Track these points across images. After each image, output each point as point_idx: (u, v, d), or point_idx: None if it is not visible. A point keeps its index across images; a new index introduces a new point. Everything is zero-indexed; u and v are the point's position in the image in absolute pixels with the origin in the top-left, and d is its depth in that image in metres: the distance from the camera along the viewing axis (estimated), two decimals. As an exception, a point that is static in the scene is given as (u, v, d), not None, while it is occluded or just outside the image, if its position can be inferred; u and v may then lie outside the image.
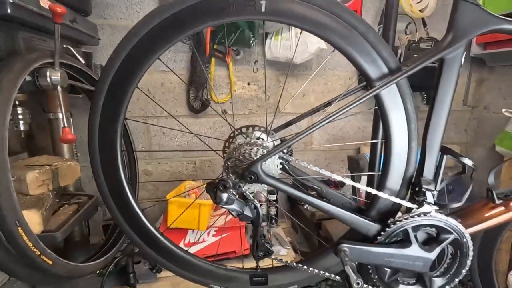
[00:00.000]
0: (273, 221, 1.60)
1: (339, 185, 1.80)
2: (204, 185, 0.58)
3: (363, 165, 1.29)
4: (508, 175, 1.35)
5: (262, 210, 1.54)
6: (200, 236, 1.28)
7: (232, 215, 0.59)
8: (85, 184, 1.54)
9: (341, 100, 0.72)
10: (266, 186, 0.58)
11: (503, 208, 0.64)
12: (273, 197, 1.57)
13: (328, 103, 0.72)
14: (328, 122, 0.55)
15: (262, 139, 0.65)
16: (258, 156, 0.58)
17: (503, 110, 1.57)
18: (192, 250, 1.28)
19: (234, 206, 0.56)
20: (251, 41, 1.45)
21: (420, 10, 1.58)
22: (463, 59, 0.56)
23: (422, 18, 1.66)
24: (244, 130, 0.67)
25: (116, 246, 1.18)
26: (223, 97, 1.62)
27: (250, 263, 0.77)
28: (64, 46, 1.08)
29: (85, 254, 1.22)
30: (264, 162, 0.58)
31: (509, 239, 1.43)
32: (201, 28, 0.57)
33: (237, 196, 0.58)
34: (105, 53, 1.46)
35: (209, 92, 1.58)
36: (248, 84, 1.63)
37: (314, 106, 0.79)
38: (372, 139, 0.81)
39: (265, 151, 0.59)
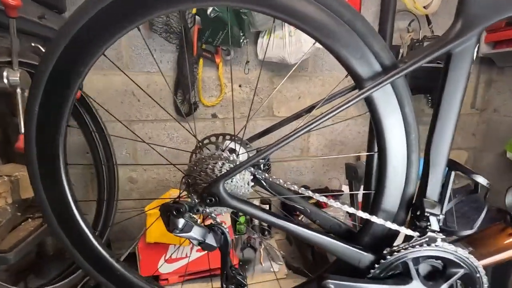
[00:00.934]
0: (266, 232, 1.49)
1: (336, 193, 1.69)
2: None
3: (362, 174, 1.17)
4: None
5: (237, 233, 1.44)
6: (183, 251, 1.18)
7: (193, 244, 0.48)
8: (65, 193, 1.45)
9: (331, 103, 0.62)
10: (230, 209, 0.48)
11: (524, 235, 0.52)
12: (266, 207, 1.47)
13: (311, 108, 0.61)
14: (308, 131, 0.45)
15: (234, 151, 0.55)
16: (222, 173, 0.47)
17: (516, 113, 1.45)
18: (174, 266, 1.18)
19: (192, 234, 0.46)
20: (241, 40, 1.35)
21: (424, 7, 1.46)
22: (475, 53, 0.45)
23: (427, 15, 1.55)
24: (213, 139, 0.57)
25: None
26: (213, 100, 1.52)
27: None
28: (33, 44, 0.99)
29: (58, 270, 1.13)
30: (229, 180, 0.47)
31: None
32: (156, 15, 0.46)
33: (199, 219, 0.48)
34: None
35: (197, 94, 1.48)
36: (240, 86, 1.53)
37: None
38: (367, 151, 0.71)
39: (231, 166, 0.49)
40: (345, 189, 1.71)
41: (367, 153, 0.66)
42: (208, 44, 1.36)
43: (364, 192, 0.66)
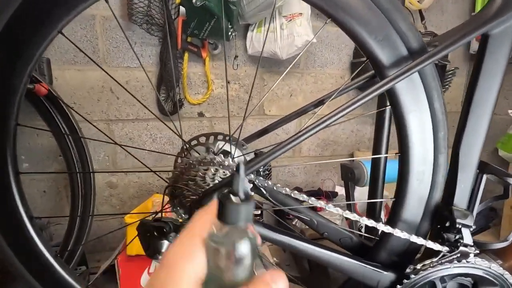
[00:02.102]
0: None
1: (331, 195, 1.62)
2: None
3: (360, 174, 1.10)
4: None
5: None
6: (169, 263, 1.07)
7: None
8: (35, 201, 1.31)
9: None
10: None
11: (560, 245, 0.46)
12: (257, 211, 1.38)
13: (320, 102, 0.53)
14: (318, 130, 0.36)
15: (228, 154, 0.46)
16: (215, 182, 0.38)
17: (509, 111, 1.44)
18: (159, 280, 1.07)
19: (179, 259, 0.36)
20: (230, 33, 1.26)
21: (418, 1, 1.42)
22: (516, 35, 0.38)
23: (420, 11, 1.51)
24: (202, 140, 0.47)
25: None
26: (199, 98, 1.41)
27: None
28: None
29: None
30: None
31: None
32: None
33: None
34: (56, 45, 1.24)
35: (182, 91, 1.37)
36: (228, 83, 1.44)
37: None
38: (373, 152, 0.63)
39: (227, 173, 0.40)
40: (339, 190, 1.65)
41: (373, 156, 0.58)
42: (194, 36, 1.26)
43: (381, 200, 0.59)
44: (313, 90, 1.57)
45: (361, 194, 1.33)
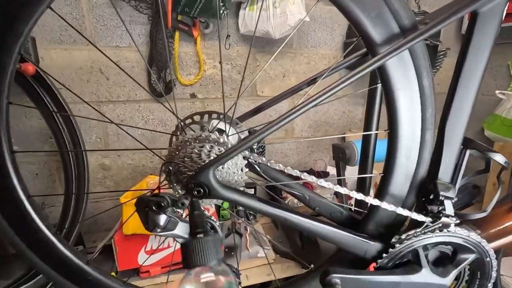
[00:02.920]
0: (251, 217, 1.45)
1: (322, 175, 1.66)
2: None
3: (350, 154, 1.13)
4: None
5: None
6: (165, 241, 1.10)
7: (178, 242, 0.40)
8: (27, 183, 1.30)
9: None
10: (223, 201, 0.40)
11: (534, 215, 0.50)
12: (250, 191, 1.41)
13: (312, 80, 0.53)
14: (310, 107, 0.37)
15: (222, 131, 0.47)
16: (210, 158, 0.39)
17: (497, 91, 1.47)
18: (156, 257, 1.10)
19: (177, 232, 0.38)
20: (221, 11, 1.23)
21: (412, -21, 1.40)
22: (504, 14, 0.39)
23: (414, -11, 1.50)
24: (197, 118, 0.48)
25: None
26: (191, 78, 1.40)
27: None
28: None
29: (22, 270, 1.02)
30: (220, 167, 0.40)
31: None
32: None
33: (184, 214, 0.40)
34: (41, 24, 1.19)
35: (174, 72, 1.35)
36: (220, 63, 1.42)
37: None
38: (364, 130, 0.65)
39: (222, 149, 0.41)
40: (330, 170, 1.68)
41: (364, 133, 0.60)
42: (185, 15, 1.23)
43: (370, 175, 0.61)
44: (306, 71, 1.56)
45: (351, 174, 1.37)
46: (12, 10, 0.35)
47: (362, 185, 0.71)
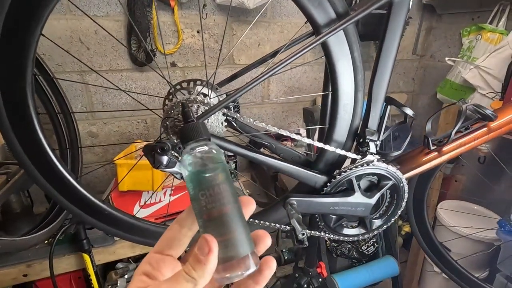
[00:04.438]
0: (232, 175, 1.62)
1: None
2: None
3: (318, 116, 1.30)
4: (445, 121, 1.47)
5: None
6: (157, 196, 1.25)
7: (177, 178, 0.55)
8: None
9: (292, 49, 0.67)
10: (209, 146, 0.54)
11: (436, 153, 0.68)
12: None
13: (275, 53, 0.66)
14: (272, 74, 0.51)
15: (205, 95, 0.60)
16: (198, 114, 0.53)
17: (446, 58, 1.65)
18: (149, 210, 1.26)
19: (176, 169, 0.52)
20: (197, -19, 1.28)
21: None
22: (411, 2, 0.53)
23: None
24: (184, 85, 0.60)
25: (62, 214, 1.11)
26: (171, 48, 1.46)
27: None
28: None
29: (29, 225, 1.14)
30: (206, 121, 0.53)
31: (439, 179, 1.63)
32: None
33: (180, 158, 0.54)
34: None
35: (153, 41, 1.41)
36: (198, 32, 1.49)
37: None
38: (323, 91, 0.80)
39: (206, 108, 0.54)
40: (303, 132, 1.86)
41: (322, 93, 0.75)
42: (161, -16, 1.26)
43: (320, 126, 0.77)
44: (280, 40, 1.66)
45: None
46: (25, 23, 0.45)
47: (321, 136, 0.87)
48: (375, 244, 1.62)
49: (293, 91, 1.81)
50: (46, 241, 1.09)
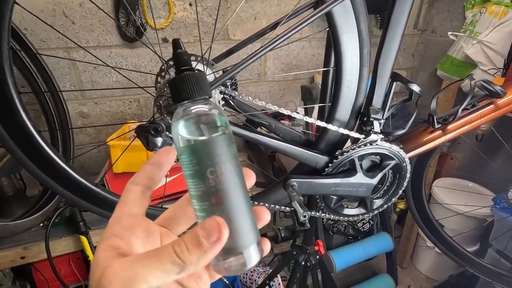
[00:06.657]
0: (229, 155, 1.60)
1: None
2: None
3: (316, 94, 1.26)
4: (444, 98, 1.45)
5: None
6: (152, 178, 1.22)
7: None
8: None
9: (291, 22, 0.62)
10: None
11: (440, 132, 0.66)
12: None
13: (275, 25, 0.62)
14: (273, 48, 0.47)
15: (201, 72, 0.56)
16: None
17: (449, 33, 1.60)
18: (146, 192, 1.24)
19: (172, 150, 0.50)
20: None
21: None
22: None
23: None
24: (178, 60, 0.56)
25: (56, 196, 1.09)
26: (162, 22, 1.38)
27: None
28: None
29: (23, 209, 1.12)
30: (202, 99, 0.50)
31: (436, 157, 1.63)
32: None
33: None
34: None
35: (143, 15, 1.32)
36: (190, 5, 1.40)
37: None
38: (324, 67, 0.76)
39: (202, 86, 0.51)
40: (300, 111, 1.83)
41: (324, 69, 0.71)
42: (149, -49, 1.17)
43: (320, 105, 0.74)
44: (277, 13, 1.58)
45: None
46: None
47: (322, 115, 0.85)
48: (370, 221, 1.65)
49: (290, 68, 1.75)
50: (41, 224, 1.07)
